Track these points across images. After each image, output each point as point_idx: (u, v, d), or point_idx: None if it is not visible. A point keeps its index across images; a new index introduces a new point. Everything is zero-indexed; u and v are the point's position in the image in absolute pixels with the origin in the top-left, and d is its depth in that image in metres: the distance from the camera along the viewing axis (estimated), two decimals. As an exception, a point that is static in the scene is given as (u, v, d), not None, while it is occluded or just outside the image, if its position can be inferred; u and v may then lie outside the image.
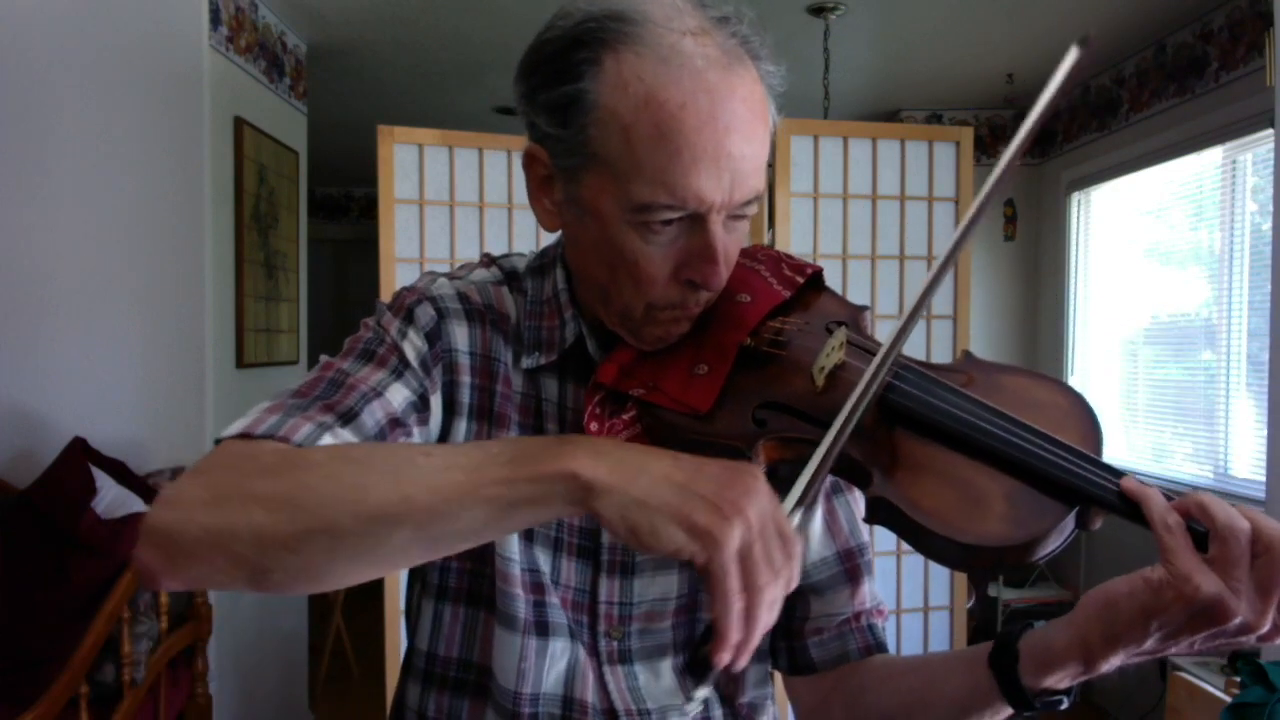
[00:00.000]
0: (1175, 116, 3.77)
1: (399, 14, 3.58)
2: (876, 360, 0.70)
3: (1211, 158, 3.62)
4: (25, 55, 2.84)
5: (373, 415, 0.76)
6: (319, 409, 0.74)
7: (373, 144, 2.50)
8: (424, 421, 0.81)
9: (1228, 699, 1.50)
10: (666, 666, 0.87)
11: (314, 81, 4.08)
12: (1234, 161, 3.51)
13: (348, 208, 7.23)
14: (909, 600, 2.70)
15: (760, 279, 0.86)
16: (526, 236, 2.58)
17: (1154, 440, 4.01)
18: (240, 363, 3.22)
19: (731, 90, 0.72)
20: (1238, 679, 1.50)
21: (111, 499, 2.52)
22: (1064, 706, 0.73)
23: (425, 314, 0.84)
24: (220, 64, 3.09)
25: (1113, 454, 4.18)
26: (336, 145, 5.37)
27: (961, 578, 2.74)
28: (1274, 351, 2.29)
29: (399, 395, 0.79)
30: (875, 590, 0.93)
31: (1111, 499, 0.66)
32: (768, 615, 0.58)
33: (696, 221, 0.75)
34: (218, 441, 0.72)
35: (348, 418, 0.74)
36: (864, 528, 0.94)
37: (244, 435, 0.70)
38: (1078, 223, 4.58)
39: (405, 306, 0.85)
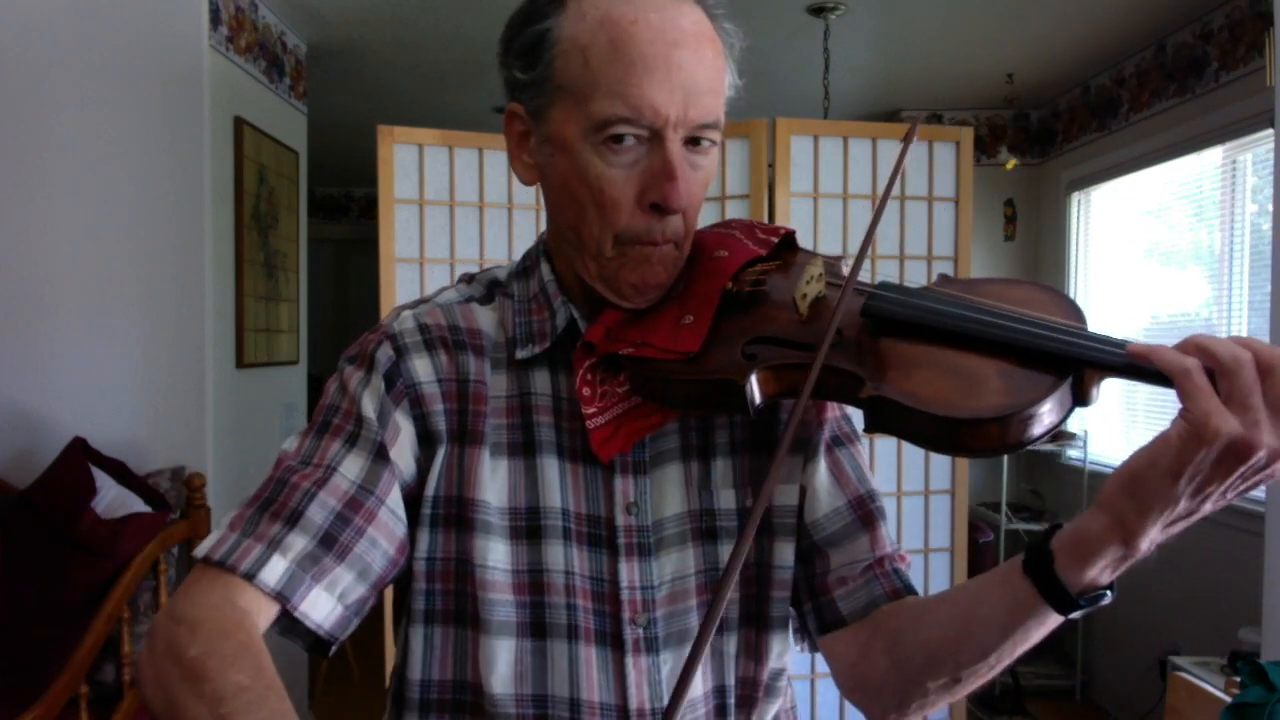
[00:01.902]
0: (1175, 116, 3.77)
1: (399, 14, 3.58)
2: (857, 256, 0.75)
3: (1211, 158, 3.63)
4: (25, 55, 2.84)
5: (322, 508, 0.79)
6: (268, 520, 0.78)
7: (373, 144, 2.50)
8: (393, 473, 0.83)
9: (1228, 699, 1.50)
10: None
11: (314, 81, 4.08)
12: (1234, 161, 3.51)
13: (348, 208, 7.23)
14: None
15: (736, 240, 0.90)
16: (526, 237, 2.57)
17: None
18: (240, 363, 3.22)
19: (680, 13, 0.80)
20: (1238, 679, 1.50)
21: (111, 499, 2.52)
22: (1108, 600, 0.71)
23: (384, 355, 0.86)
24: (220, 64, 3.09)
25: (1114, 453, 4.18)
26: (336, 145, 5.37)
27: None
28: (1274, 351, 2.29)
29: (354, 467, 0.82)
30: (892, 537, 0.93)
31: (1105, 359, 0.67)
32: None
33: (655, 142, 0.79)
34: (196, 560, 0.79)
35: (293, 520, 0.78)
36: (871, 476, 0.94)
37: (206, 560, 0.77)
38: (1078, 223, 4.58)
39: (367, 354, 0.87)
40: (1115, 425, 4.22)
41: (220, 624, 0.73)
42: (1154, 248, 4.11)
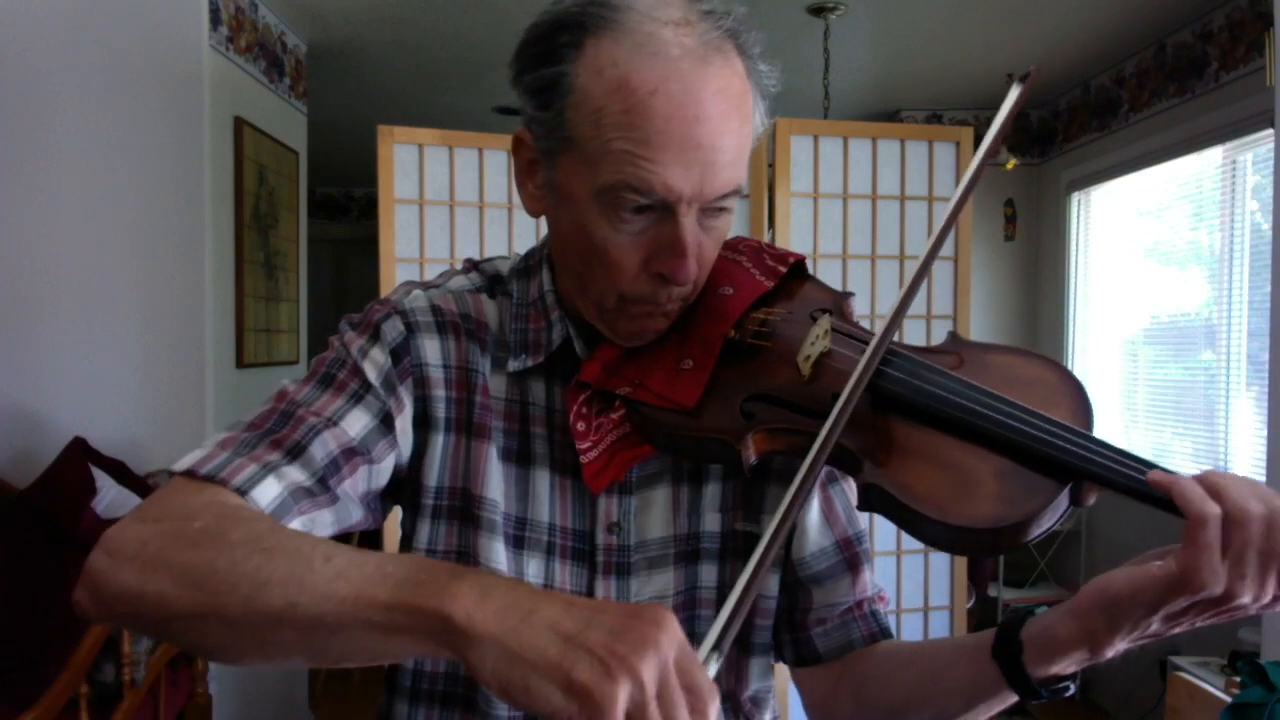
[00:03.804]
0: (1175, 116, 3.77)
1: (399, 14, 3.58)
2: (863, 361, 0.71)
3: (1211, 158, 3.62)
4: (25, 55, 2.84)
5: (323, 446, 0.75)
6: (267, 446, 0.74)
7: (373, 144, 2.50)
8: (392, 444, 0.80)
9: (1228, 699, 1.50)
10: None
11: (314, 81, 4.08)
12: (1234, 161, 3.51)
13: (348, 208, 7.23)
14: (909, 600, 2.70)
15: (742, 270, 0.86)
16: (526, 237, 2.58)
17: (1154, 440, 4.01)
18: (240, 363, 3.22)
19: (705, 81, 0.72)
20: (1238, 679, 1.50)
21: (111, 499, 2.52)
22: (1070, 693, 0.72)
23: (393, 329, 0.83)
24: (220, 64, 3.09)
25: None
26: (336, 145, 5.37)
27: (961, 578, 2.74)
28: (1274, 351, 2.29)
29: (357, 423, 0.78)
30: (875, 579, 0.93)
31: (1111, 477, 0.65)
32: None
33: (667, 213, 0.74)
34: (170, 474, 0.72)
35: (295, 452, 0.74)
36: (860, 516, 0.93)
37: (190, 473, 0.71)
38: (1078, 223, 4.58)
39: (372, 323, 0.83)
40: (1115, 425, 4.22)
41: (220, 506, 0.68)
42: (1154, 248, 4.11)
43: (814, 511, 0.91)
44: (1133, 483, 0.65)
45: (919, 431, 0.72)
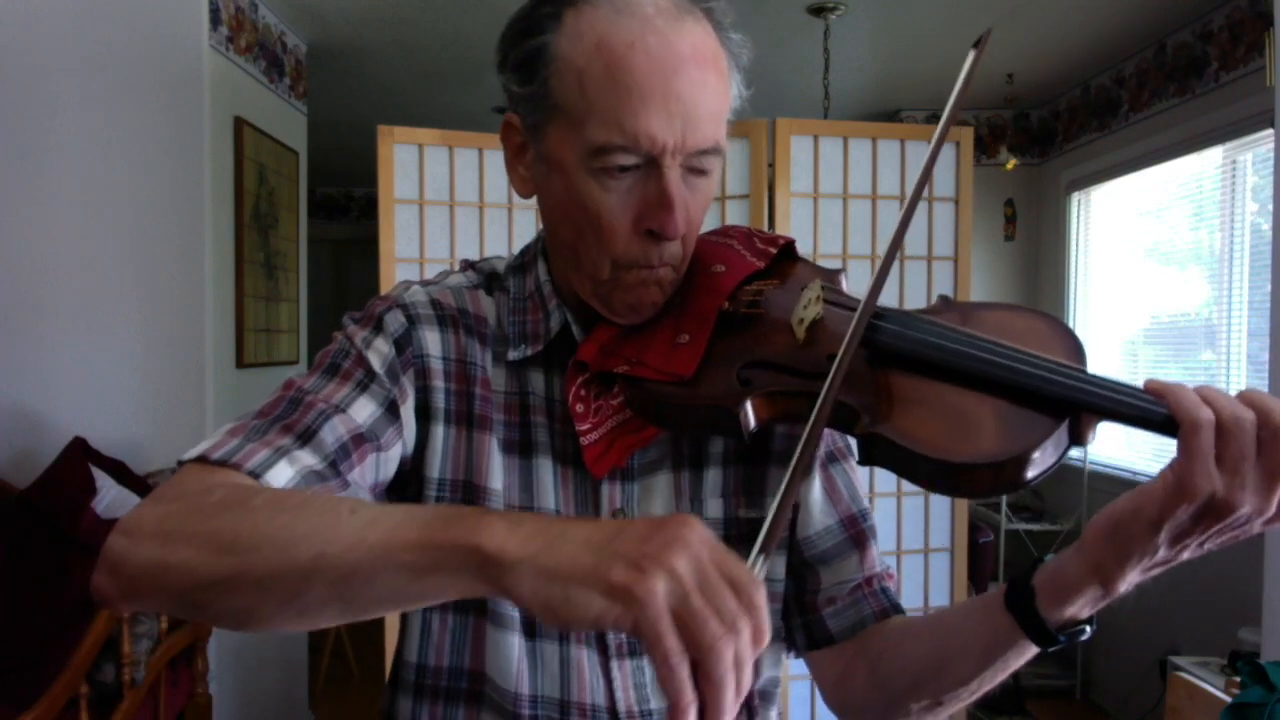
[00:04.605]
0: (1175, 116, 3.77)
1: (399, 14, 3.58)
2: (858, 314, 0.72)
3: (1211, 158, 3.62)
4: (25, 55, 2.84)
5: (333, 431, 0.76)
6: (278, 431, 0.74)
7: (373, 144, 2.50)
8: (399, 432, 0.81)
9: (1228, 699, 1.50)
10: None
11: (314, 81, 4.08)
12: (1234, 161, 3.51)
13: (348, 208, 7.23)
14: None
15: (734, 252, 0.88)
16: (527, 237, 2.57)
17: (1154, 440, 4.00)
18: (240, 363, 3.22)
19: (680, 35, 0.75)
20: (1238, 679, 1.50)
21: (111, 499, 2.52)
22: (1086, 635, 0.72)
23: (395, 321, 0.84)
24: (220, 64, 3.09)
25: (1114, 453, 4.18)
26: (336, 145, 5.37)
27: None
28: (1274, 351, 2.29)
29: (364, 410, 0.79)
30: (881, 557, 0.93)
31: (1104, 404, 0.66)
32: (734, 675, 0.51)
33: (652, 169, 0.76)
34: (180, 464, 0.73)
35: (306, 437, 0.75)
36: (864, 494, 0.94)
37: (202, 459, 0.71)
38: (1078, 223, 4.58)
39: (374, 315, 0.85)
40: (1115, 425, 4.22)
41: (236, 484, 0.68)
42: (1154, 248, 4.11)
43: (816, 491, 0.91)
44: (1128, 408, 0.66)
45: (916, 381, 0.73)
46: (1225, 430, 0.62)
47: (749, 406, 0.75)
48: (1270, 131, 3.07)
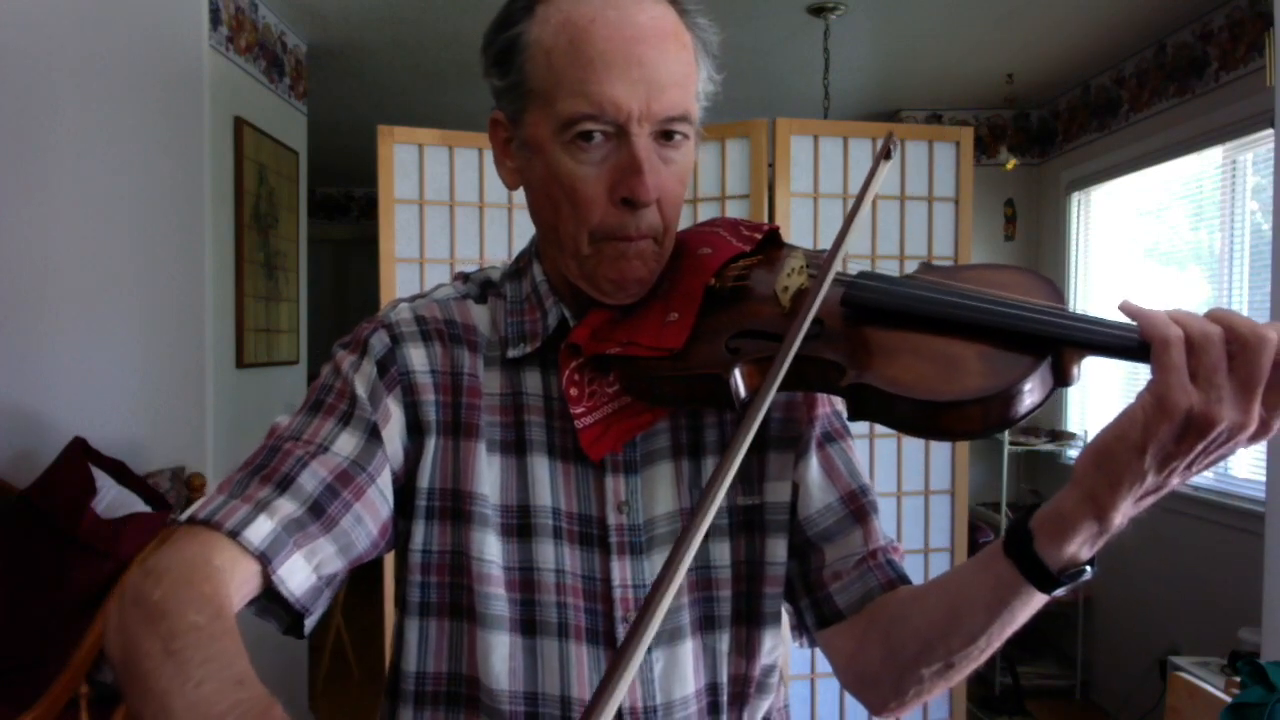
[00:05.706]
0: (1175, 116, 3.77)
1: (399, 14, 3.58)
2: (832, 247, 0.76)
3: (1211, 158, 3.63)
4: (25, 55, 2.84)
5: (314, 476, 0.79)
6: (257, 483, 0.78)
7: (373, 144, 2.50)
8: (385, 458, 0.83)
9: (1228, 699, 1.50)
10: (686, 651, 0.87)
11: (314, 81, 4.08)
12: (1234, 161, 3.51)
13: (348, 208, 7.23)
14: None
15: (720, 237, 0.91)
16: (527, 237, 2.55)
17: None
18: (240, 363, 3.22)
19: (640, 8, 0.80)
20: (1238, 679, 1.50)
21: (111, 499, 2.52)
22: (1087, 576, 0.73)
23: (379, 342, 0.87)
24: (220, 64, 3.09)
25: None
26: (336, 145, 5.37)
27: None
28: (1274, 351, 2.29)
29: (347, 444, 0.82)
30: (885, 531, 0.94)
31: (1079, 336, 0.68)
32: None
33: (621, 136, 0.80)
34: (176, 523, 0.79)
35: (284, 485, 0.78)
36: (864, 472, 0.95)
37: (191, 520, 0.76)
38: (1078, 223, 4.58)
39: (360, 340, 0.88)
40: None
41: (188, 573, 0.72)
42: (1154, 248, 4.11)
43: (815, 471, 0.92)
44: (1105, 337, 0.67)
45: (898, 334, 0.75)
46: (1195, 345, 0.63)
47: (738, 373, 0.78)
48: (1270, 131, 3.07)
